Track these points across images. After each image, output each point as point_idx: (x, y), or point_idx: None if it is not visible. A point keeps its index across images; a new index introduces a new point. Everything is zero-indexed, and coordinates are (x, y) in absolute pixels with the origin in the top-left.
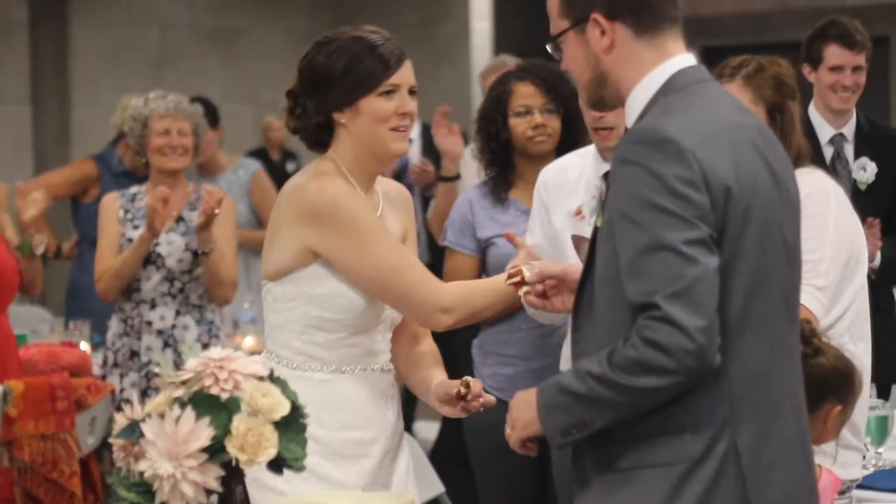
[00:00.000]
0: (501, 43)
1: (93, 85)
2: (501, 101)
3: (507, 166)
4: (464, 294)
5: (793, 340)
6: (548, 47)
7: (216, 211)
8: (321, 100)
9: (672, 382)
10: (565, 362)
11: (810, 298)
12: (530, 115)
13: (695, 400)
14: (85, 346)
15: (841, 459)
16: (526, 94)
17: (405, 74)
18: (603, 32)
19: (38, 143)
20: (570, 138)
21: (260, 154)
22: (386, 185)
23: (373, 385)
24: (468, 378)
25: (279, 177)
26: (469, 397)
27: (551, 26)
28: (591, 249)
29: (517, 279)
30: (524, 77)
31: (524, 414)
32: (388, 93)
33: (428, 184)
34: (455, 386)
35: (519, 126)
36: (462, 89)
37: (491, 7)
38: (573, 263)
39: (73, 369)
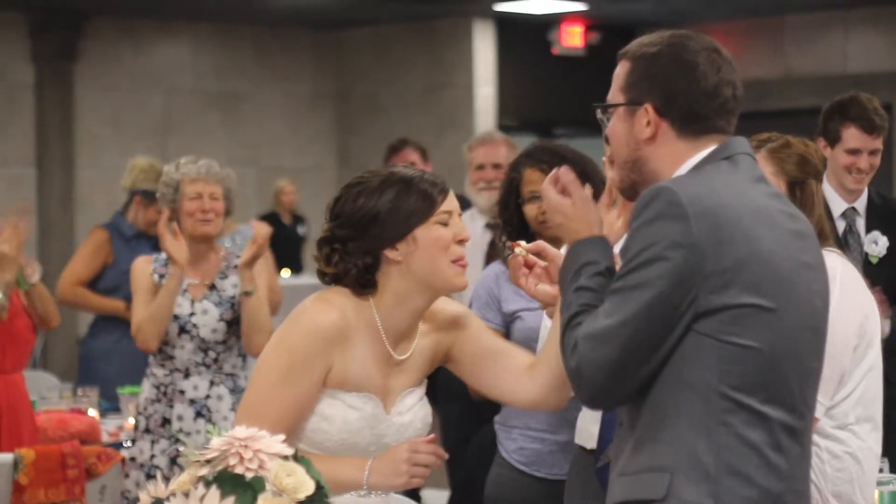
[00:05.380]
0: (505, 108)
1: (97, 148)
2: (513, 186)
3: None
4: None
5: (802, 426)
6: (598, 111)
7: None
8: (369, 239)
9: None
10: (579, 435)
11: None
12: (540, 200)
13: (680, 447)
14: (93, 412)
15: None
16: (535, 179)
17: (452, 201)
18: (649, 123)
19: (42, 205)
20: None
21: (271, 218)
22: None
23: None
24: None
25: (290, 240)
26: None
27: (610, 95)
28: None
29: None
30: (531, 163)
31: (564, 229)
32: (444, 221)
33: None
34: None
35: (531, 211)
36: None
37: (495, 73)
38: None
39: (82, 437)
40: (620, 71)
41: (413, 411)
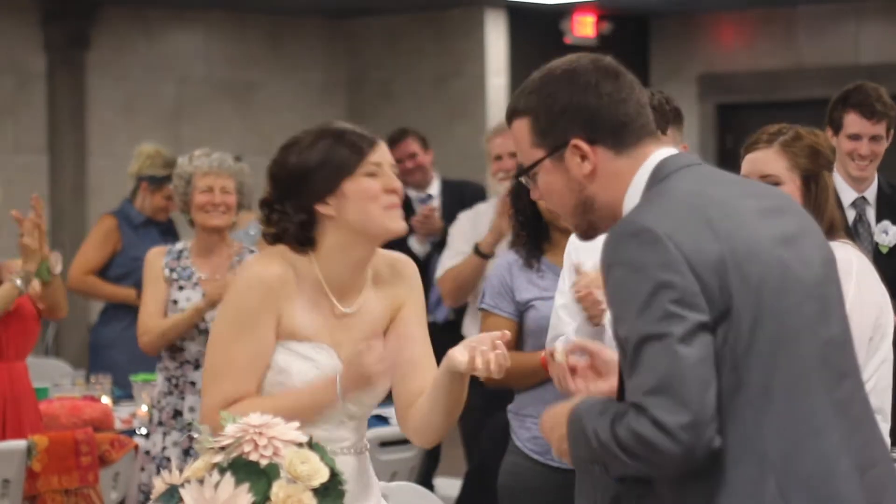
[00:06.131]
0: None
1: (109, 136)
2: None
3: (540, 234)
4: (238, 412)
5: (842, 395)
6: (521, 180)
7: None
8: (301, 196)
9: (666, 470)
10: None
11: None
12: None
13: (733, 479)
14: (106, 400)
15: None
16: None
17: (383, 153)
18: (584, 157)
19: (54, 193)
20: None
21: None
22: (377, 262)
23: None
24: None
25: None
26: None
27: (522, 157)
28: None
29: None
30: None
31: (556, 431)
32: (372, 172)
33: (431, 232)
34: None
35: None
36: (477, 145)
37: (507, 63)
38: (609, 349)
39: (95, 424)
40: (522, 130)
41: None
